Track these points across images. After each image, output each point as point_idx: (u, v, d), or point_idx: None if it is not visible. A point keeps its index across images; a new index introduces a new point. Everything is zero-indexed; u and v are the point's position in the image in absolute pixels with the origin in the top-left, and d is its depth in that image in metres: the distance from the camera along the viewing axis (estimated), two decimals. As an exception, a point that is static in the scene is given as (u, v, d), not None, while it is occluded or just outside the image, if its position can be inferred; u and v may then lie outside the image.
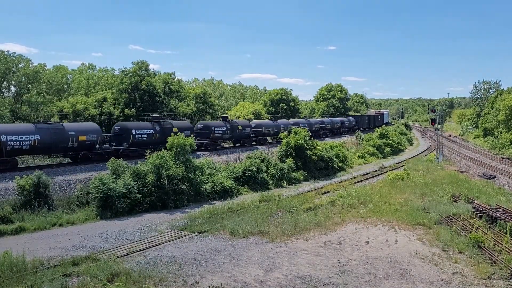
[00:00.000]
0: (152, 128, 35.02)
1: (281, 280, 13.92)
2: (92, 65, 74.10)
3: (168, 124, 36.67)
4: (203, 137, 41.11)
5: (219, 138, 43.21)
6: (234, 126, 44.63)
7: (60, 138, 28.30)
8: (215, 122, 45.14)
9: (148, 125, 35.21)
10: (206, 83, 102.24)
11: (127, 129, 33.08)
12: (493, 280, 14.40)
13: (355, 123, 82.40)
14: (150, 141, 34.48)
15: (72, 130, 29.34)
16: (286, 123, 56.24)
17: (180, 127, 36.80)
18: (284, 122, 56.13)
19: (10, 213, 21.09)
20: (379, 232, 20.56)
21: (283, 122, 55.84)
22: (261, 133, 50.13)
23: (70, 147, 29.28)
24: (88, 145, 30.41)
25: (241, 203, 26.19)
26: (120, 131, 33.07)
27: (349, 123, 79.54)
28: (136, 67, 51.25)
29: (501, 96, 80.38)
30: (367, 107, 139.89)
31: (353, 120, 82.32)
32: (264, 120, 56.12)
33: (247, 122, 49.24)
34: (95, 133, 30.84)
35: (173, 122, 37.30)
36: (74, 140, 29.20)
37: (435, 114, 61.07)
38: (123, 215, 23.32)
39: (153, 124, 35.46)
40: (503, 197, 28.98)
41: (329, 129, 71.13)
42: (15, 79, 56.32)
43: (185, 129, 37.46)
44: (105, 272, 13.61)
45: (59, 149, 29.35)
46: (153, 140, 34.68)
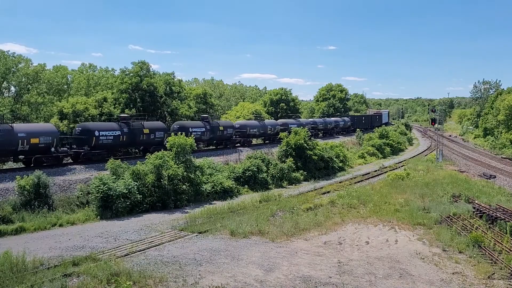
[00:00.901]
0: (119, 129, 32.34)
1: (281, 280, 13.91)
2: (92, 65, 74.11)
3: (138, 125, 34.30)
4: None
5: (198, 140, 39.38)
6: (215, 127, 41.97)
7: (7, 140, 25.66)
8: (193, 122, 42.54)
9: (114, 125, 32.69)
10: (206, 83, 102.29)
11: (89, 131, 30.46)
12: (493, 280, 14.39)
13: (350, 123, 79.43)
14: (116, 144, 32.31)
15: (22, 131, 26.71)
16: (274, 123, 54.10)
17: (152, 128, 35.15)
18: (272, 123, 53.88)
19: (10, 213, 21.11)
20: (379, 232, 20.55)
21: (271, 123, 53.51)
22: (245, 134, 47.21)
23: (20, 150, 26.60)
24: (42, 148, 27.65)
25: (241, 203, 26.21)
26: (82, 133, 30.44)
27: (344, 123, 76.40)
28: (137, 68, 51.25)
29: (501, 96, 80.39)
30: (367, 107, 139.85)
31: (348, 121, 79.08)
32: (249, 121, 52.82)
33: (230, 123, 46.81)
34: (50, 135, 28.15)
35: (144, 123, 35.15)
36: (24, 143, 26.42)
37: (435, 114, 61.16)
38: (123, 215, 23.33)
39: (120, 125, 32.79)
40: (503, 197, 28.99)
41: (322, 130, 68.45)
42: (15, 79, 56.33)
43: (157, 130, 35.71)
44: (105, 272, 13.62)
45: (7, 153, 26.57)
46: (120, 142, 32.43)
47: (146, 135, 34.38)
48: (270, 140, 52.65)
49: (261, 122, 51.12)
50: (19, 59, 57.25)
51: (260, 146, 46.82)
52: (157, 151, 33.68)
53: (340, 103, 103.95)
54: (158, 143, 35.72)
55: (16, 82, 56.68)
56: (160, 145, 35.27)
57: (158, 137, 35.78)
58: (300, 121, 61.28)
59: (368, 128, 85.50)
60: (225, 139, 44.25)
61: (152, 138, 35.14)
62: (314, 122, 65.73)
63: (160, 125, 37.36)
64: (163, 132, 36.26)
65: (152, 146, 34.92)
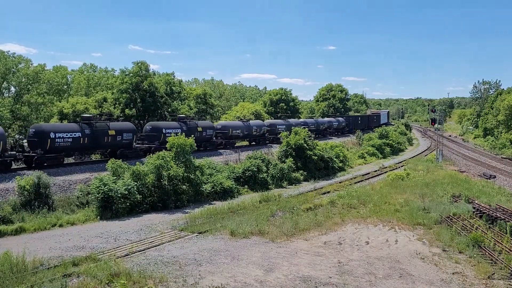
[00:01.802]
0: (80, 130, 29.53)
1: (281, 280, 13.91)
2: (93, 65, 74.14)
3: (103, 126, 31.62)
4: (151, 141, 35.80)
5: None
6: (192, 128, 39.11)
7: None
8: (168, 123, 39.89)
9: (75, 127, 29.81)
10: (206, 83, 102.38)
11: (43, 132, 27.67)
12: (493, 280, 14.39)
13: (345, 124, 76.25)
14: (76, 146, 29.57)
15: None
16: (260, 124, 51.19)
17: (118, 129, 32.52)
18: (257, 123, 50.87)
19: (10, 214, 21.12)
20: (379, 232, 20.55)
21: (256, 124, 50.42)
22: (227, 136, 44.44)
23: None
24: None
25: (241, 203, 26.21)
26: (35, 135, 27.69)
27: (338, 124, 73.13)
28: (137, 68, 51.31)
29: (501, 96, 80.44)
30: (367, 107, 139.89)
31: (342, 121, 75.89)
32: (233, 121, 50.71)
33: (210, 124, 44.24)
34: None
35: (110, 124, 32.47)
36: None
37: (435, 114, 61.17)
38: (123, 215, 23.33)
39: (81, 126, 29.97)
40: (503, 197, 29.01)
41: (314, 131, 63.74)
42: (15, 80, 56.36)
43: (125, 131, 32.98)
44: (105, 273, 13.61)
45: None
46: (80, 145, 29.67)
47: (111, 137, 31.65)
48: (256, 141, 50.19)
49: (246, 123, 48.45)
50: (19, 59, 57.27)
51: (244, 148, 44.65)
52: (125, 155, 32.42)
53: (340, 103, 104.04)
54: (126, 146, 33.29)
55: (16, 82, 56.71)
56: (129, 148, 33.43)
57: (126, 139, 33.02)
58: (289, 121, 58.30)
59: (365, 129, 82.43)
60: (204, 140, 41.44)
61: (119, 140, 32.34)
62: (304, 122, 61.77)
63: (128, 126, 34.49)
64: (131, 133, 33.53)
65: (119, 148, 32.85)
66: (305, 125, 58.87)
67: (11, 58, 56.35)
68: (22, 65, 57.21)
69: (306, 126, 58.06)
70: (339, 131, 73.72)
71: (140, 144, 35.59)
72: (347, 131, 76.09)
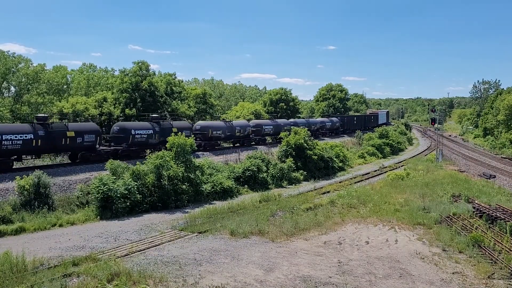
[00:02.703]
0: (31, 131, 26.94)
1: (281, 280, 13.91)
2: (93, 65, 74.07)
3: (60, 127, 29.02)
4: (118, 143, 33.13)
5: (143, 143, 34.42)
6: (166, 129, 36.31)
7: None
8: (138, 123, 37.14)
9: (25, 128, 27.13)
10: (206, 83, 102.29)
11: None
12: (493, 280, 14.39)
13: (339, 124, 72.78)
14: (28, 149, 27.08)
15: None
16: (244, 124, 48.22)
17: (79, 130, 30.02)
18: (242, 124, 48.00)
19: (10, 213, 21.11)
20: (379, 232, 20.55)
21: (240, 124, 47.56)
22: (207, 137, 41.52)
23: None
24: None
25: (241, 203, 26.20)
26: None
27: (331, 124, 69.84)
28: (137, 67, 51.32)
29: (501, 96, 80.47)
30: (367, 107, 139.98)
31: (336, 121, 72.43)
32: (214, 122, 47.65)
33: (187, 124, 41.21)
34: None
35: (69, 124, 30.06)
36: None
37: (435, 114, 61.13)
38: (123, 215, 23.32)
39: (34, 127, 27.35)
40: (503, 197, 29.00)
41: None
42: (15, 80, 56.34)
43: (87, 132, 30.43)
44: (105, 272, 13.61)
45: None
46: (32, 148, 27.19)
47: (70, 139, 29.13)
48: (240, 143, 47.34)
49: (228, 123, 45.29)
50: (19, 59, 57.24)
51: (226, 150, 42.35)
52: (87, 158, 30.61)
53: (340, 103, 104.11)
54: (88, 148, 30.86)
55: (16, 82, 56.69)
56: (91, 151, 31.11)
57: (88, 141, 30.41)
58: (277, 121, 55.14)
59: (362, 130, 79.09)
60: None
61: (79, 142, 29.79)
62: (295, 123, 58.09)
63: (90, 127, 31.67)
64: (94, 135, 30.93)
65: (80, 151, 30.86)
66: (295, 125, 55.38)
67: (11, 58, 56.31)
68: (22, 65, 57.19)
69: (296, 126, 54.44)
70: (332, 132, 70.92)
71: (106, 146, 33.33)
72: (341, 132, 73.67)
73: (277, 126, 52.99)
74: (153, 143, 35.50)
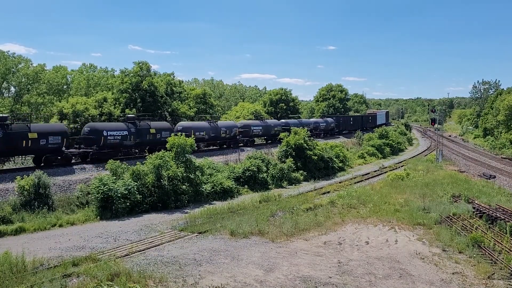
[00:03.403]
0: None
1: (281, 280, 13.91)
2: (93, 65, 74.18)
3: (21, 128, 26.67)
4: (89, 145, 30.88)
5: (117, 146, 32.29)
6: (143, 130, 34.27)
7: None
8: (111, 124, 35.16)
9: None
10: (206, 83, 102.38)
11: None
12: (493, 280, 14.39)
13: (334, 125, 69.96)
14: None
15: None
16: (231, 125, 45.84)
17: (43, 131, 27.57)
18: (228, 124, 45.61)
19: (10, 214, 21.11)
20: (379, 232, 20.55)
21: (226, 125, 45.10)
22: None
23: None
24: None
25: (241, 203, 26.20)
26: None
27: (326, 125, 67.26)
28: (138, 68, 51.34)
29: (500, 96, 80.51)
30: (367, 107, 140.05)
31: (331, 122, 69.61)
32: (197, 122, 44.78)
33: (168, 125, 38.59)
34: None
35: (32, 125, 27.62)
36: None
37: (435, 114, 61.12)
38: (123, 215, 23.32)
39: None
40: (503, 197, 29.00)
41: None
42: (15, 80, 56.42)
43: (52, 134, 27.95)
44: (105, 273, 13.61)
45: None
46: None
47: (33, 141, 26.64)
48: (226, 144, 45.15)
49: (213, 124, 42.89)
50: (19, 59, 57.34)
51: (210, 152, 40.97)
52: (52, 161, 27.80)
53: (340, 103, 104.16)
54: (53, 151, 28.16)
55: (16, 82, 56.78)
56: (57, 153, 28.50)
57: (53, 143, 27.62)
58: (267, 122, 52.85)
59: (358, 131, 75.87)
60: (159, 144, 35.19)
61: (42, 144, 27.27)
62: (286, 123, 55.55)
63: (56, 128, 28.86)
64: (60, 136, 28.17)
65: (44, 154, 28.15)
66: (286, 126, 53.67)
67: (11, 58, 56.41)
68: (22, 65, 57.26)
69: (287, 127, 53.00)
70: (327, 133, 68.09)
71: (76, 149, 31.41)
72: (336, 133, 70.84)
73: (267, 127, 50.81)
74: (128, 145, 33.14)
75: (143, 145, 35.44)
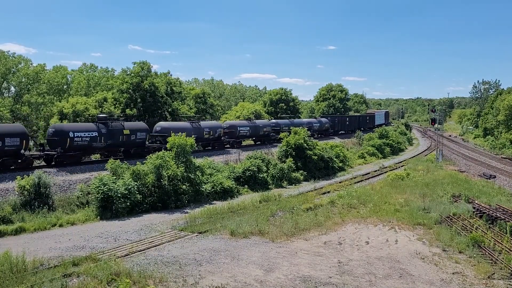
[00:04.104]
0: None
1: (281, 280, 13.91)
2: (93, 65, 74.12)
3: None
4: (53, 147, 28.81)
5: (85, 148, 30.21)
6: (116, 130, 31.81)
7: None
8: (78, 125, 33.04)
9: None
10: (206, 83, 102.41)
11: None
12: (493, 280, 14.39)
13: (328, 125, 67.04)
14: None
15: None
16: (216, 126, 43.26)
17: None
18: (212, 125, 42.80)
19: (10, 214, 21.11)
20: (379, 232, 20.55)
21: (209, 125, 42.35)
22: (166, 140, 33.64)
23: None
24: None
25: (241, 203, 26.20)
26: None
27: (320, 125, 64.54)
28: (139, 68, 51.32)
29: (501, 96, 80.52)
30: (367, 107, 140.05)
31: (326, 122, 66.76)
32: (177, 123, 42.01)
33: (143, 125, 35.94)
34: None
35: None
36: None
37: (435, 114, 61.10)
38: (123, 215, 23.31)
39: None
40: (503, 197, 29.00)
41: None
42: (15, 80, 56.42)
43: (9, 135, 25.81)
44: (106, 273, 13.61)
45: None
46: None
47: None
48: (210, 145, 43.20)
49: (195, 124, 40.14)
50: (19, 59, 57.33)
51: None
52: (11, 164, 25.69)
53: (340, 103, 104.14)
54: (11, 154, 26.03)
55: (16, 82, 56.77)
56: (16, 156, 26.36)
57: (11, 145, 25.62)
58: (255, 123, 49.85)
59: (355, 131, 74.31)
60: (135, 146, 33.53)
61: None
62: (276, 124, 53.88)
63: (14, 129, 26.98)
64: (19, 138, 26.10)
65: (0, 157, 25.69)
66: (276, 126, 52.53)
67: (11, 58, 56.40)
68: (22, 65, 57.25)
69: (277, 127, 51.98)
70: (321, 134, 65.72)
71: (40, 151, 29.68)
72: (331, 133, 68.17)
73: (255, 128, 48.00)
74: (98, 147, 30.64)
75: (115, 147, 32.46)
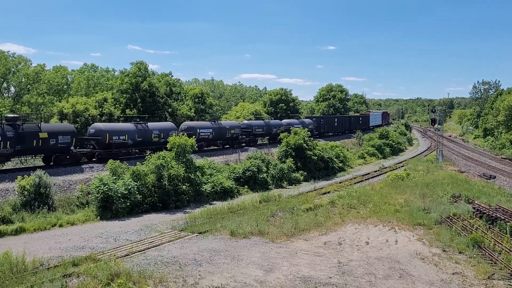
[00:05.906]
0: None
1: (281, 281, 13.92)
2: (94, 65, 74.18)
3: None
4: None
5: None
6: (28, 134, 26.67)
7: None
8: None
9: None
10: (206, 84, 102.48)
11: None
12: (493, 280, 14.39)
13: (313, 127, 60.29)
14: None
15: None
16: (169, 128, 38.26)
17: None
18: (161, 127, 37.76)
19: (10, 214, 21.11)
20: (379, 232, 20.55)
21: (159, 127, 37.40)
22: (104, 143, 31.50)
23: None
24: None
25: (241, 204, 26.21)
26: None
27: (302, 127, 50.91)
28: (136, 68, 51.34)
29: (501, 97, 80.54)
30: (367, 107, 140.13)
31: (309, 123, 59.78)
32: (114, 124, 38.01)
33: (67, 127, 30.68)
34: None
35: None
36: None
37: (435, 114, 61.06)
38: (123, 215, 23.33)
39: None
40: (503, 197, 29.01)
41: (260, 135, 51.20)
42: (15, 80, 56.45)
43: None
44: (105, 273, 13.61)
45: None
46: None
47: None
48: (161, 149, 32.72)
49: (141, 126, 35.54)
50: (19, 59, 57.38)
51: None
52: None
53: (340, 104, 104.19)
54: None
55: (16, 82, 56.82)
56: None
57: None
58: (221, 123, 44.39)
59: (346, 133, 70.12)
60: (56, 151, 28.85)
61: None
62: (248, 125, 48.89)
63: None
64: None
65: None
66: (248, 128, 48.05)
67: (11, 58, 56.45)
68: (22, 65, 57.30)
69: (250, 129, 47.93)
70: None
71: None
72: (316, 136, 59.87)
73: (219, 130, 43.00)
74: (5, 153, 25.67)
75: (27, 152, 27.54)
